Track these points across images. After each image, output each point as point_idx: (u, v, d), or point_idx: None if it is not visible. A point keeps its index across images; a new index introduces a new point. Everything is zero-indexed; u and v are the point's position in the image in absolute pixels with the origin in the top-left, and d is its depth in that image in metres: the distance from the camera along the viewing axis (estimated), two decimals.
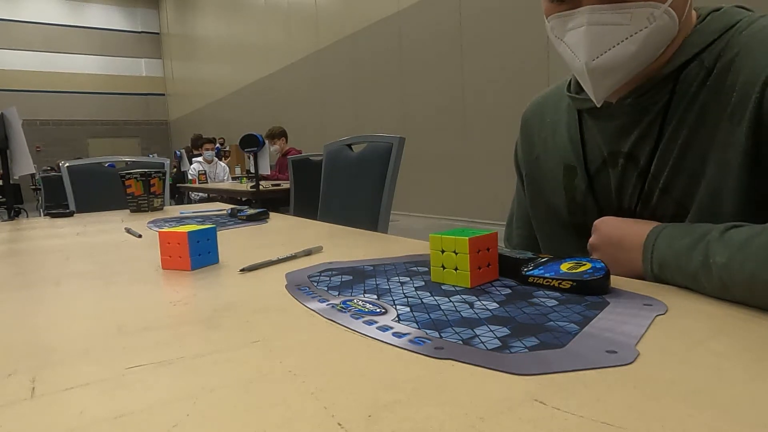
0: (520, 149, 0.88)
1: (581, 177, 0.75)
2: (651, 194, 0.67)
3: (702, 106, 0.61)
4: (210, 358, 0.39)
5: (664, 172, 0.65)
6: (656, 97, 0.65)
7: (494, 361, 0.36)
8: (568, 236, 0.79)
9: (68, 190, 2.17)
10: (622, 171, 0.70)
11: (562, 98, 0.80)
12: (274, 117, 7.35)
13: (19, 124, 1.75)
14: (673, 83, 0.63)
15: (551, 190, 0.80)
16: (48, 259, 0.91)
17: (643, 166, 0.67)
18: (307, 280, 0.63)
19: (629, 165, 0.69)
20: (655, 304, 0.47)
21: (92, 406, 0.32)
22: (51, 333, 0.48)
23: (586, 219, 0.74)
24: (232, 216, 1.40)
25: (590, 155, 0.74)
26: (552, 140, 0.80)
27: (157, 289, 0.64)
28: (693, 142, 0.62)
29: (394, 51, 5.81)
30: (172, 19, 15.26)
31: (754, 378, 0.32)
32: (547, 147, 0.81)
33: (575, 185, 0.76)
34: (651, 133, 0.66)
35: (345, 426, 0.28)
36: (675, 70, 0.63)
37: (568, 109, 0.78)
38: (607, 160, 0.71)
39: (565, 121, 0.78)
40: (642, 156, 0.67)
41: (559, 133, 0.79)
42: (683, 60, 0.63)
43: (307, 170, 2.94)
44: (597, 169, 0.73)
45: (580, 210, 0.76)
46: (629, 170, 0.69)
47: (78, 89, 14.99)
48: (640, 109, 0.66)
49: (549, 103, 0.83)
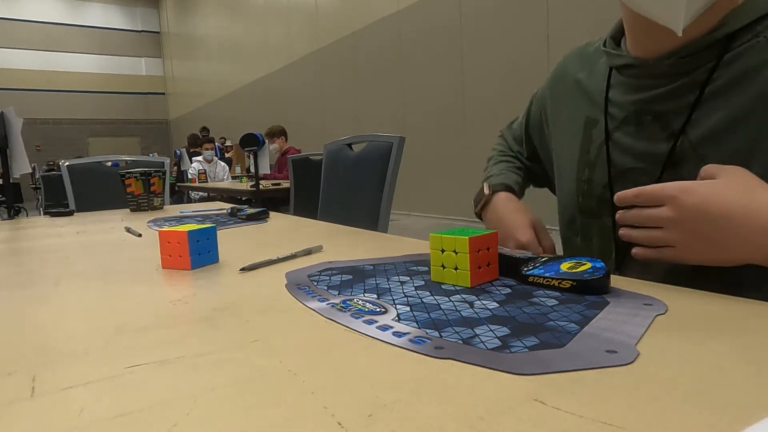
0: (549, 101, 0.88)
1: (599, 130, 0.73)
2: (682, 160, 0.63)
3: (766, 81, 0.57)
4: (210, 358, 0.39)
5: (706, 142, 0.61)
6: (700, 61, 0.62)
7: (494, 360, 0.36)
8: (575, 194, 0.78)
9: (68, 189, 2.17)
10: (648, 130, 0.67)
11: (594, 57, 0.79)
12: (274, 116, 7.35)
13: (18, 123, 1.75)
14: (722, 51, 0.61)
15: (569, 144, 0.79)
16: (48, 258, 0.91)
17: (676, 130, 0.64)
18: (307, 280, 0.63)
19: (656, 125, 0.66)
20: (655, 304, 0.47)
21: (92, 405, 0.32)
22: (51, 332, 0.48)
23: (592, 175, 0.73)
24: (232, 215, 1.40)
25: (613, 110, 0.72)
26: (580, 96, 0.79)
27: (157, 289, 0.64)
28: (750, 117, 0.58)
29: (393, 50, 5.81)
30: (172, 19, 15.25)
31: (754, 378, 0.32)
32: (573, 103, 0.81)
33: (592, 138, 0.74)
34: (687, 96, 0.63)
35: (345, 426, 0.28)
36: (723, 38, 0.61)
37: (599, 67, 0.77)
38: (630, 117, 0.69)
39: (596, 77, 0.77)
40: (674, 119, 0.64)
41: (587, 89, 0.78)
42: (735, 27, 0.60)
43: (307, 170, 2.94)
44: (618, 125, 0.71)
45: (589, 165, 0.74)
46: (655, 130, 0.66)
47: (78, 88, 14.99)
48: (681, 71, 0.64)
49: (583, 59, 0.82)
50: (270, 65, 9.02)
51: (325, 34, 7.23)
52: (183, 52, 14.60)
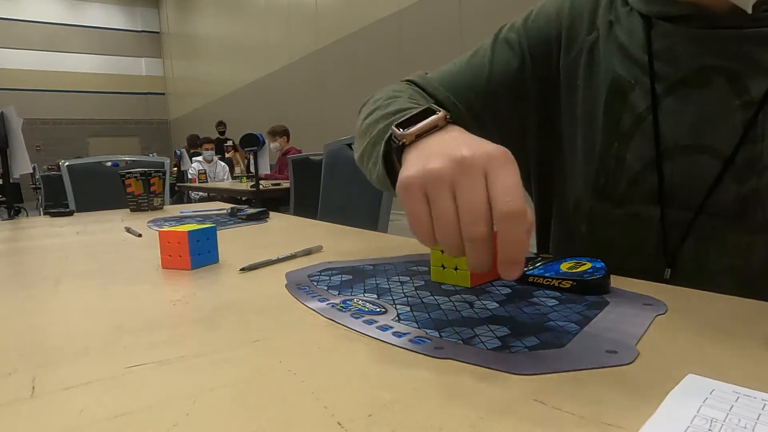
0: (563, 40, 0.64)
1: (639, 93, 0.56)
2: (764, 135, 0.50)
3: None
4: (210, 358, 0.39)
5: None
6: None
7: (494, 360, 0.36)
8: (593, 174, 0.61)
9: (68, 189, 2.17)
10: (716, 93, 0.52)
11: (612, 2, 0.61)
12: (274, 116, 7.35)
13: (18, 123, 1.75)
14: None
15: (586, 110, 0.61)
16: (48, 258, 0.91)
17: (756, 96, 0.50)
18: (307, 280, 0.63)
19: (727, 88, 0.51)
20: (655, 304, 0.47)
21: (92, 405, 0.32)
22: (51, 332, 0.48)
23: (625, 151, 0.56)
24: (232, 215, 1.40)
25: (661, 68, 0.55)
26: (605, 46, 0.60)
27: (157, 289, 0.64)
28: None
29: (394, 50, 5.81)
30: (172, 19, 15.26)
31: (754, 378, 0.32)
32: (592, 53, 0.61)
33: (627, 103, 0.57)
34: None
35: (345, 426, 0.28)
36: None
37: (626, 15, 0.59)
38: (688, 77, 0.53)
39: (627, 24, 0.59)
40: (754, 81, 0.50)
41: (612, 38, 0.59)
42: None
43: (307, 170, 2.94)
44: (668, 88, 0.54)
45: (621, 138, 0.57)
46: (726, 95, 0.51)
47: (78, 88, 14.98)
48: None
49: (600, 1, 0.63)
50: (270, 65, 9.02)
51: (325, 34, 7.23)
52: (183, 52, 14.60)
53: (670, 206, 0.55)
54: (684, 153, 0.54)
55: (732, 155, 0.51)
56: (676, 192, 0.54)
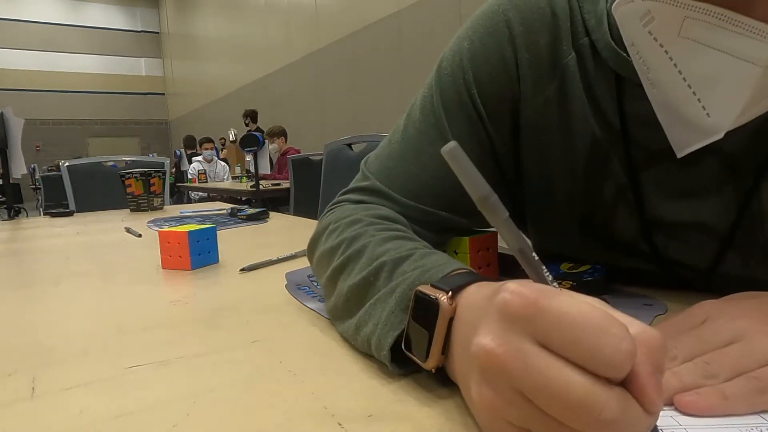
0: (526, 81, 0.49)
1: (617, 164, 0.47)
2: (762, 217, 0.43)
3: None
4: (210, 358, 0.39)
5: None
6: None
7: None
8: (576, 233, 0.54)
9: (68, 190, 2.16)
10: (705, 169, 0.44)
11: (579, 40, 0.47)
12: (274, 116, 7.35)
13: (18, 124, 1.74)
14: None
15: (563, 167, 0.51)
16: (48, 258, 0.91)
17: (749, 172, 0.42)
18: (307, 280, 0.62)
19: (718, 163, 0.43)
20: (655, 304, 0.47)
21: (92, 405, 0.32)
22: (51, 333, 0.48)
23: (612, 222, 0.50)
24: (232, 215, 1.40)
25: (637, 136, 0.46)
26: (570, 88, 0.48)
27: (156, 289, 0.64)
28: None
29: (393, 51, 5.81)
30: (172, 19, 15.25)
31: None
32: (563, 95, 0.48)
33: (607, 171, 0.48)
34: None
35: (345, 426, 0.28)
36: None
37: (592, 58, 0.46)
38: (670, 148, 0.42)
39: (590, 71, 0.47)
40: (745, 160, 0.42)
41: (584, 82, 0.47)
42: None
43: (307, 170, 2.93)
44: (649, 159, 0.46)
45: (604, 209, 0.50)
46: (720, 173, 0.43)
47: (78, 89, 14.98)
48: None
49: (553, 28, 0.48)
50: (270, 65, 9.02)
51: (325, 34, 7.23)
52: (183, 53, 14.60)
53: (670, 268, 0.51)
54: (678, 231, 0.48)
55: (730, 237, 0.45)
56: (674, 260, 0.50)
